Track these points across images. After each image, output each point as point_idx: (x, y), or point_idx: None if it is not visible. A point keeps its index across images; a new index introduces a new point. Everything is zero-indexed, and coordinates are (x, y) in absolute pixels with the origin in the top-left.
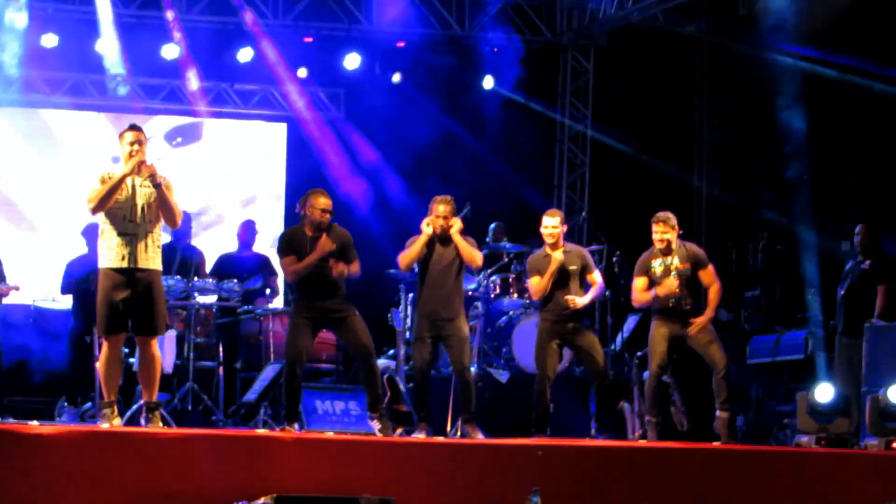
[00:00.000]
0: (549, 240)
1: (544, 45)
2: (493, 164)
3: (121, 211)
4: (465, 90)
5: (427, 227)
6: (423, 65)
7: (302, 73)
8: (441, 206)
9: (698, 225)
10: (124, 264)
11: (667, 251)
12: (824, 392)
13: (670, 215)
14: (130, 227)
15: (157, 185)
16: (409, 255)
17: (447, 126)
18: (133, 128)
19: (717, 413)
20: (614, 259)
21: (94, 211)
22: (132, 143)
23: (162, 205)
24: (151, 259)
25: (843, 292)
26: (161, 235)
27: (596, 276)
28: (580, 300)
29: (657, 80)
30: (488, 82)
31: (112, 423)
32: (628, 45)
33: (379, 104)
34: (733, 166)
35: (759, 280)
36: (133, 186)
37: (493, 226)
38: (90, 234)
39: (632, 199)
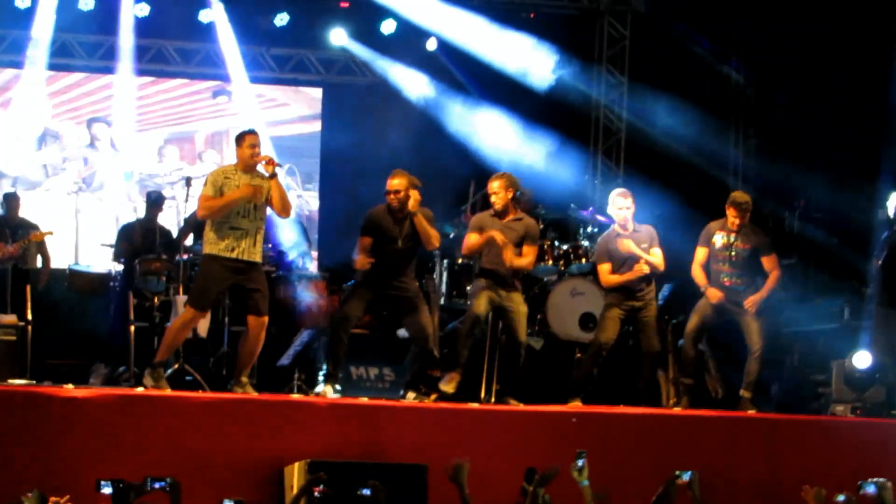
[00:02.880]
0: (621, 221)
1: (581, 11)
2: (528, 130)
3: (234, 207)
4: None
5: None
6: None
7: (339, 38)
8: (494, 184)
9: (751, 200)
10: (234, 255)
11: (737, 231)
12: (861, 361)
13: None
14: (243, 223)
15: (273, 176)
16: (473, 246)
17: (482, 91)
18: (251, 132)
19: (742, 392)
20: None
21: (203, 218)
22: (253, 147)
23: (279, 195)
24: (257, 252)
25: (879, 262)
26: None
27: (656, 251)
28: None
29: (694, 45)
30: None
31: (160, 383)
32: (666, 10)
33: (414, 70)
34: (771, 132)
35: (795, 247)
36: (246, 185)
37: (518, 192)
38: (154, 203)
39: (668, 166)
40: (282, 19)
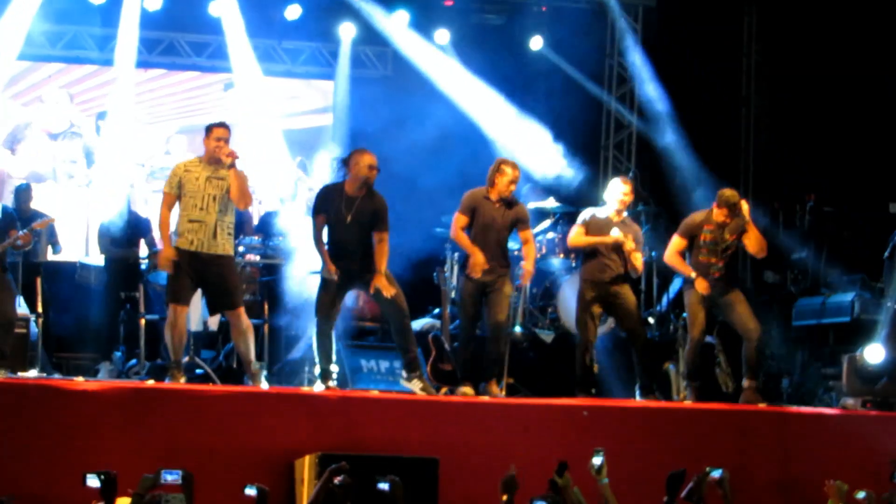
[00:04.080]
0: (619, 206)
1: (592, 4)
2: (539, 122)
3: (192, 200)
4: (512, 50)
5: None
6: (470, 24)
7: (349, 31)
8: (517, 172)
9: (745, 186)
10: (192, 248)
11: (723, 225)
12: (873, 354)
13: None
14: (201, 216)
15: (231, 166)
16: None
17: (494, 86)
18: (220, 125)
19: (744, 382)
20: (660, 220)
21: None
22: (219, 140)
23: (237, 186)
24: (219, 245)
25: (888, 254)
26: (232, 223)
27: (638, 256)
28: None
29: (705, 40)
30: (536, 42)
31: (179, 380)
32: (677, 4)
33: (426, 63)
34: (781, 128)
35: (805, 242)
36: (207, 178)
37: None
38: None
39: (679, 160)
40: (294, 12)
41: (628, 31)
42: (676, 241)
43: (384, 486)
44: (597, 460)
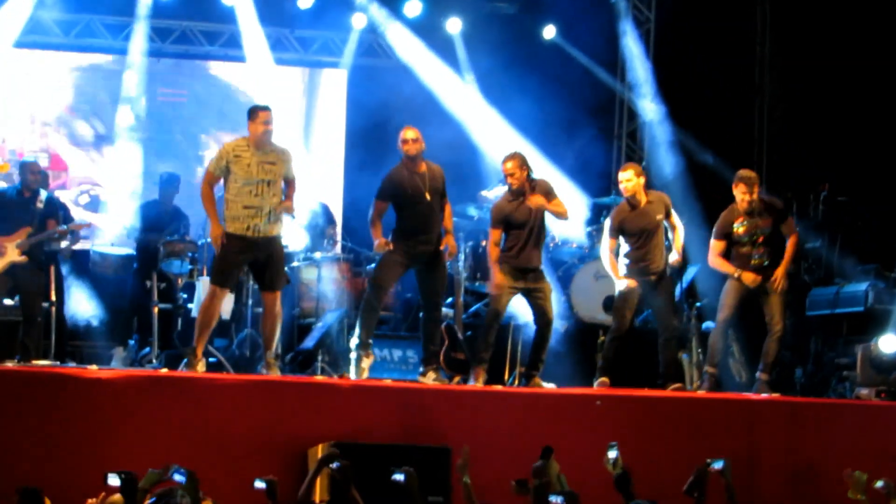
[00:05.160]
0: (625, 194)
1: None
2: (552, 111)
3: (247, 186)
4: (524, 39)
5: None
6: (483, 13)
7: (360, 21)
8: (508, 164)
9: (759, 176)
10: (249, 234)
11: (749, 212)
12: (887, 344)
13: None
14: (256, 202)
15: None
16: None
17: (506, 75)
18: (265, 108)
19: (759, 375)
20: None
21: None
22: (267, 124)
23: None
24: (273, 227)
25: None
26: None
27: (676, 220)
28: (676, 256)
29: (718, 30)
30: (549, 31)
31: (196, 368)
32: None
33: (439, 52)
34: (795, 118)
35: (819, 231)
36: (258, 163)
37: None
38: (166, 183)
39: (690, 151)
40: (306, 1)
41: (628, 19)
42: (714, 245)
43: (399, 476)
44: (612, 454)
